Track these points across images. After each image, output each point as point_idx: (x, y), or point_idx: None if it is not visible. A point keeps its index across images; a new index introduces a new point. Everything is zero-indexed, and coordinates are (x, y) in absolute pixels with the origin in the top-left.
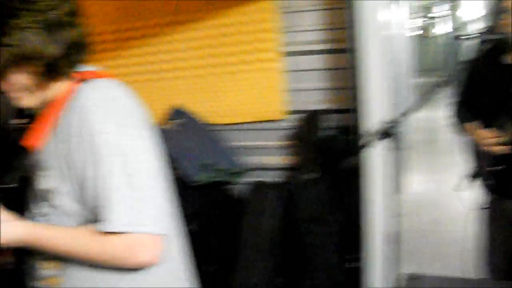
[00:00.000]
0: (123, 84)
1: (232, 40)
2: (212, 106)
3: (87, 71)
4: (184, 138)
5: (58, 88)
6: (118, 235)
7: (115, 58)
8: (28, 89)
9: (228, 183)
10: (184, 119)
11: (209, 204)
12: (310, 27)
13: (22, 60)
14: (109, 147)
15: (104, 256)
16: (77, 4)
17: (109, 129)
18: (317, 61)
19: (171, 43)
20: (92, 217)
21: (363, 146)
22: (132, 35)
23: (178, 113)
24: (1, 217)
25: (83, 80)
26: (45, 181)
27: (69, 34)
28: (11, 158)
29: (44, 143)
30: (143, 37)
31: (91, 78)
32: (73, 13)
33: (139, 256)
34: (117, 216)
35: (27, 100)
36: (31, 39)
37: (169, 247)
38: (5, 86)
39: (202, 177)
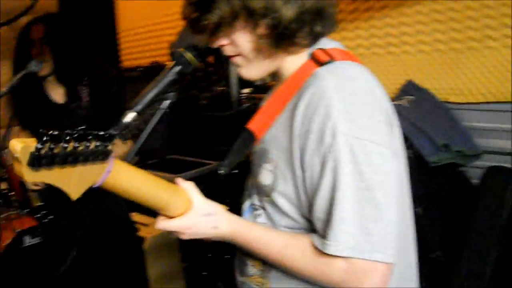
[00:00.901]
0: (366, 69)
1: (477, 14)
2: (449, 83)
3: (327, 49)
4: (419, 115)
5: (291, 63)
6: (340, 258)
7: (353, 29)
8: (252, 55)
9: (460, 165)
10: (418, 95)
11: (439, 186)
12: None
13: (250, 16)
14: (352, 154)
15: (317, 274)
16: None
17: (355, 132)
18: None
19: (412, 16)
20: (306, 224)
21: None
22: (373, 6)
23: (413, 88)
24: (207, 209)
25: (322, 60)
26: (263, 174)
27: None
28: (235, 139)
29: (268, 131)
30: (384, 8)
31: (332, 59)
32: None
33: (362, 283)
34: (344, 237)
35: (250, 69)
36: None
37: (402, 267)
38: (228, 49)
39: (439, 157)
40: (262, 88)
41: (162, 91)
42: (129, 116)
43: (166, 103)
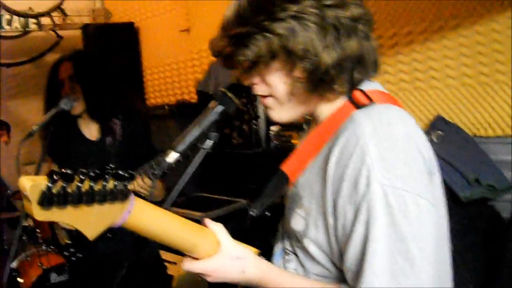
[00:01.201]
0: (407, 113)
1: (504, 48)
2: (477, 117)
3: (366, 90)
4: (448, 150)
5: (326, 107)
6: None
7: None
8: (285, 98)
9: (490, 199)
10: (447, 130)
11: (470, 221)
12: None
13: (288, 57)
14: (388, 204)
15: None
16: (369, 12)
17: (391, 181)
18: None
19: (440, 50)
20: (337, 273)
21: None
22: (399, 41)
23: (441, 123)
24: (236, 253)
25: (361, 103)
26: (295, 219)
27: (350, 43)
28: (263, 177)
29: (302, 174)
30: (411, 43)
31: (371, 102)
32: (361, 20)
33: None
34: None
35: (281, 113)
36: (304, 34)
37: None
38: (260, 89)
39: (471, 192)
40: (291, 126)
41: (204, 131)
42: (171, 156)
43: (209, 143)
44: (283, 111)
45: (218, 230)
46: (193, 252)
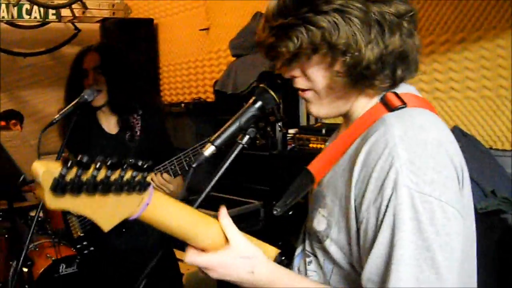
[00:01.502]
0: (439, 119)
1: None
2: (495, 130)
3: (399, 93)
4: (465, 161)
5: (361, 106)
6: None
7: None
8: (325, 92)
9: (503, 212)
10: (464, 142)
11: (482, 232)
12: None
13: (329, 51)
14: (415, 210)
15: None
16: (414, 10)
17: (418, 186)
18: None
19: (460, 62)
20: (354, 275)
21: None
22: (420, 52)
23: (458, 135)
24: (246, 252)
25: (393, 105)
26: (317, 219)
27: (393, 40)
28: (283, 181)
29: (328, 174)
30: (431, 54)
31: (403, 105)
32: (406, 17)
33: None
34: None
35: (321, 107)
36: (347, 28)
37: None
38: (300, 82)
39: (486, 204)
40: (308, 129)
41: (242, 127)
42: (209, 150)
43: (246, 138)
44: (322, 106)
45: (229, 225)
46: (196, 243)
